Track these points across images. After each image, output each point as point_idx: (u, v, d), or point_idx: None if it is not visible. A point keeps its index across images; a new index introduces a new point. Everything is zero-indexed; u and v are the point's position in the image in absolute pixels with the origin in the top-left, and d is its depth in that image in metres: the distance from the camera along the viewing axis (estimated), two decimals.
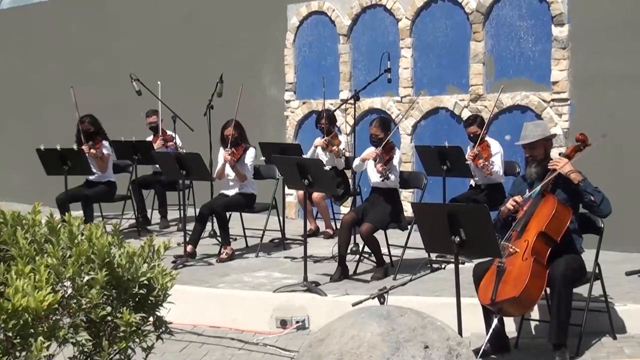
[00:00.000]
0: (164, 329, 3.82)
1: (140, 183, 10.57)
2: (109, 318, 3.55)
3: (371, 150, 7.73)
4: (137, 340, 3.63)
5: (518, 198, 5.67)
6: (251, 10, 11.74)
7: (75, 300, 3.50)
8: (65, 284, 3.53)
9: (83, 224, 3.79)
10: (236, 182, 8.76)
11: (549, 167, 5.71)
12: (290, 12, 11.39)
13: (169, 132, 10.50)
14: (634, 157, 8.22)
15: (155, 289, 3.71)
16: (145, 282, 3.67)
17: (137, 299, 3.69)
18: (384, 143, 7.59)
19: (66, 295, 3.52)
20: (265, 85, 11.75)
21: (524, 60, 9.13)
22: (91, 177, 9.85)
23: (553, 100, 8.81)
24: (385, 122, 7.92)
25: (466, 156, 8.12)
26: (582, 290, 5.79)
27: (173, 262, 8.34)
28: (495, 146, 8.20)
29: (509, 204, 5.70)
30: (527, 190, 5.79)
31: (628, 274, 4.63)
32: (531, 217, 5.55)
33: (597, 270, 5.82)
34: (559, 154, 5.94)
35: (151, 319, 3.79)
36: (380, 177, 7.50)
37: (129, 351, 3.62)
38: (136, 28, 12.86)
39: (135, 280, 3.62)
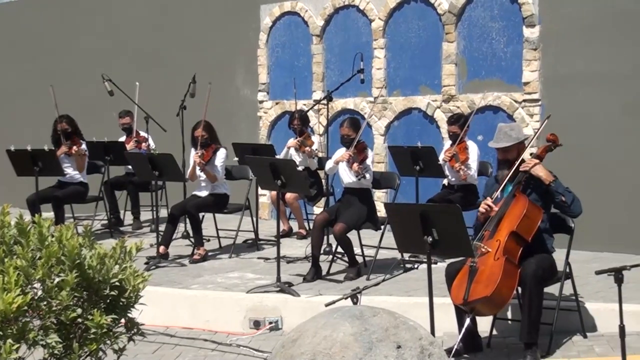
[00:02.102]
0: (135, 330, 3.80)
1: (113, 184, 10.51)
2: (80, 320, 3.53)
3: (344, 152, 7.73)
4: (108, 342, 3.61)
5: (489, 201, 5.69)
6: (224, 10, 11.71)
7: (45, 302, 3.48)
8: (35, 285, 3.51)
9: (54, 225, 3.75)
10: (208, 183, 8.73)
11: (520, 169, 5.74)
12: (263, 12, 11.38)
13: (142, 133, 10.45)
14: (604, 157, 8.30)
15: (127, 290, 3.69)
16: (117, 283, 3.65)
17: (108, 301, 3.67)
18: (355, 143, 7.60)
19: (36, 297, 3.49)
20: (238, 85, 11.73)
21: (495, 61, 9.19)
22: (63, 178, 9.76)
23: (524, 100, 8.87)
24: (356, 122, 7.92)
25: (442, 155, 8.16)
26: (553, 289, 5.83)
27: (146, 263, 8.30)
28: (473, 150, 8.21)
29: (481, 208, 5.73)
30: (500, 191, 5.82)
31: (598, 273, 4.65)
32: (503, 217, 5.58)
33: (567, 270, 5.87)
34: (530, 154, 5.98)
35: (123, 320, 3.77)
36: (357, 176, 7.50)
37: (100, 353, 3.61)
38: (109, 28, 12.77)
39: (107, 281, 3.60)
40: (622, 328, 4.55)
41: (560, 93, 8.63)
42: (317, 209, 10.08)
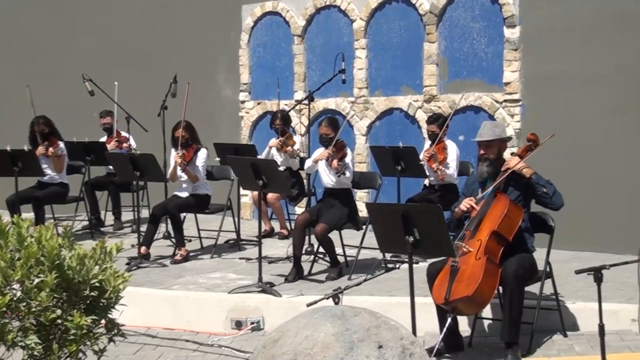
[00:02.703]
0: (116, 331, 3.79)
1: (94, 184, 10.45)
2: (59, 321, 3.51)
3: (323, 151, 7.73)
4: (88, 343, 3.59)
5: (472, 200, 5.71)
6: (206, 10, 11.68)
7: (24, 303, 3.46)
8: (14, 286, 3.48)
9: (34, 226, 3.73)
10: (189, 183, 8.70)
11: (502, 169, 5.76)
12: (245, 12, 11.37)
13: (123, 133, 10.40)
14: (584, 157, 8.34)
15: (107, 291, 3.67)
16: (97, 284, 3.63)
17: (88, 302, 3.65)
18: (334, 142, 7.60)
19: (15, 298, 3.47)
20: (219, 85, 11.71)
21: (476, 61, 9.22)
22: (43, 179, 9.70)
23: (505, 101, 8.90)
24: (334, 121, 7.92)
25: (421, 155, 8.18)
26: (533, 288, 5.86)
27: (127, 264, 8.26)
28: (452, 150, 8.23)
29: (463, 205, 5.74)
30: (480, 189, 5.84)
31: (578, 272, 4.68)
32: (484, 217, 5.60)
33: (548, 269, 5.90)
34: (511, 154, 6.00)
35: (103, 321, 3.75)
36: (337, 172, 7.50)
37: (80, 354, 3.59)
38: (89, 28, 12.70)
39: (86, 282, 3.58)
40: (601, 327, 4.57)
41: (540, 93, 8.67)
42: (299, 209, 10.08)
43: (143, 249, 8.45)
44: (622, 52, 8.13)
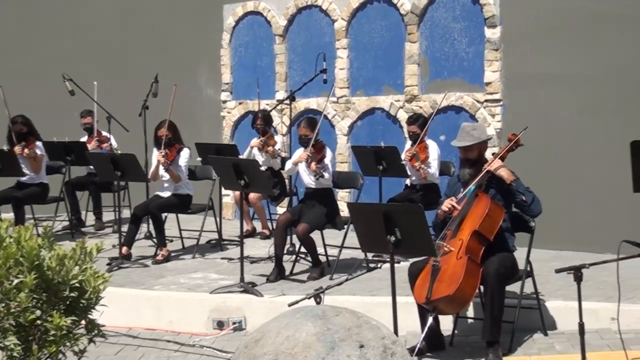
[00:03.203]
0: (96, 332, 3.76)
1: (74, 184, 10.39)
2: (39, 322, 3.49)
3: (302, 153, 7.73)
4: (68, 344, 3.57)
5: (453, 200, 5.73)
6: (187, 10, 11.65)
7: (3, 304, 3.43)
8: None
9: (13, 226, 3.71)
10: (171, 183, 8.68)
11: (483, 168, 5.78)
12: (226, 12, 11.35)
13: (104, 133, 10.35)
14: (564, 156, 8.39)
15: (87, 291, 3.65)
16: (77, 284, 3.61)
17: (68, 302, 3.63)
18: (313, 142, 7.59)
19: None
20: (201, 85, 11.68)
21: (457, 61, 9.25)
22: (23, 179, 9.63)
23: (486, 100, 8.94)
24: (313, 121, 7.90)
25: (403, 155, 8.19)
26: (514, 287, 5.88)
27: (108, 264, 8.24)
28: (433, 149, 8.25)
29: (444, 206, 5.75)
30: (461, 190, 5.86)
31: (558, 271, 4.70)
32: (465, 217, 5.61)
33: (528, 268, 5.92)
34: (492, 154, 6.03)
35: (83, 322, 3.73)
36: (315, 175, 7.51)
37: (60, 355, 3.57)
38: (70, 26, 12.64)
39: (66, 283, 3.56)
40: (581, 326, 4.60)
41: (521, 93, 8.71)
42: (281, 209, 10.07)
43: (124, 249, 8.42)
44: (601, 53, 8.18)
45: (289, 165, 7.96)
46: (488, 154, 6.28)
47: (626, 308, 5.84)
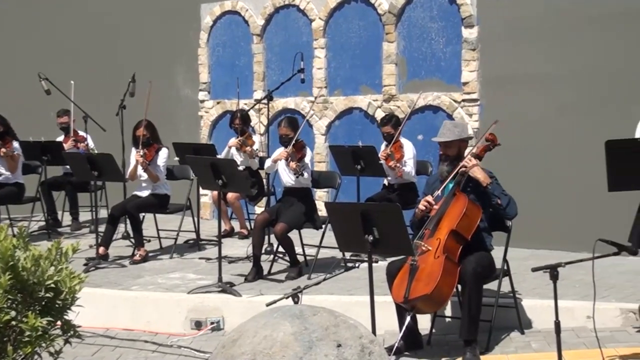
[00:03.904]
0: (72, 332, 3.74)
1: (50, 184, 10.33)
2: (14, 322, 3.46)
3: (282, 151, 7.73)
4: (43, 344, 3.55)
5: (430, 198, 5.75)
6: (164, 9, 11.61)
7: None
8: None
9: None
10: (149, 183, 8.64)
11: (460, 168, 5.80)
12: (204, 11, 11.32)
13: (80, 133, 10.29)
14: (541, 156, 8.44)
15: (63, 292, 3.63)
16: (52, 285, 3.59)
17: (43, 303, 3.60)
18: (293, 142, 7.60)
19: None
20: (178, 85, 11.65)
21: (435, 61, 9.28)
22: None
23: (464, 100, 8.98)
24: (294, 121, 7.91)
25: (379, 155, 8.20)
26: (491, 286, 5.90)
27: (85, 264, 8.18)
28: (408, 148, 8.28)
29: (421, 204, 5.77)
30: (440, 188, 5.87)
31: (534, 270, 4.74)
32: (443, 216, 5.62)
33: (505, 267, 5.95)
34: (470, 154, 6.04)
35: (59, 322, 3.70)
36: (295, 174, 7.51)
37: (36, 356, 3.54)
38: (46, 25, 12.56)
39: (42, 283, 3.54)
40: (557, 324, 4.63)
41: (498, 93, 8.75)
42: (259, 209, 10.06)
43: (101, 249, 8.38)
44: (576, 53, 8.24)
45: (268, 162, 7.96)
46: (466, 153, 6.29)
47: (601, 306, 5.90)
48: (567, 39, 8.30)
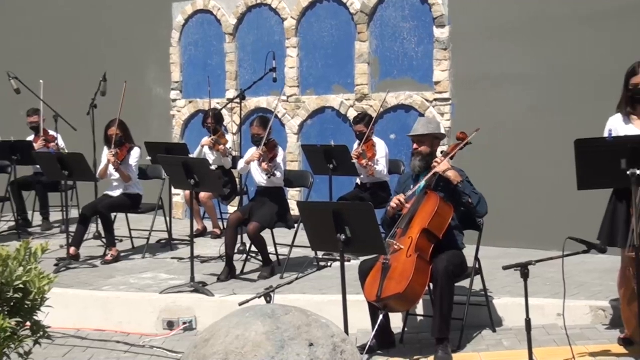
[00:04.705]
0: (42, 333, 3.71)
1: (20, 184, 10.24)
2: None
3: (254, 151, 7.72)
4: (12, 346, 3.52)
5: (401, 197, 5.77)
6: (136, 8, 11.55)
7: None
8: None
9: None
10: (121, 182, 8.59)
11: (432, 166, 5.82)
12: (176, 10, 11.28)
13: (51, 132, 10.21)
14: (512, 155, 8.50)
15: (32, 292, 3.60)
16: (21, 286, 3.56)
17: (12, 304, 3.57)
18: (265, 141, 7.58)
19: None
20: (150, 84, 11.59)
21: (407, 60, 9.31)
22: None
23: (435, 100, 9.01)
24: (266, 120, 7.89)
25: (351, 154, 8.22)
26: (463, 285, 5.93)
27: (55, 265, 8.12)
28: (381, 147, 8.30)
29: (393, 202, 5.79)
30: (412, 186, 5.89)
31: (505, 268, 4.77)
32: (415, 215, 5.64)
33: (477, 266, 5.98)
34: (441, 152, 6.08)
35: (28, 323, 3.67)
36: (267, 174, 7.50)
37: (5, 357, 3.51)
38: (15, 24, 12.44)
39: (10, 284, 3.50)
40: (528, 322, 4.67)
41: (470, 92, 8.80)
42: (232, 208, 10.04)
43: (72, 249, 8.31)
44: (547, 53, 8.30)
45: (241, 164, 7.94)
46: (438, 152, 6.31)
47: (571, 304, 5.95)
48: (538, 39, 8.36)
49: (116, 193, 8.66)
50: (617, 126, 5.41)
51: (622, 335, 5.47)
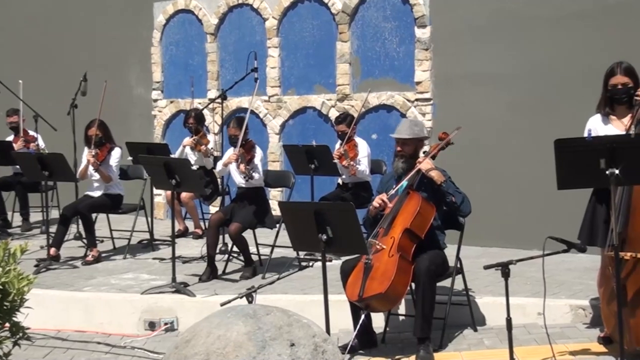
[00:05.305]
0: (21, 334, 3.68)
1: (0, 185, 10.17)
2: None
3: (231, 154, 7.70)
4: None
5: (383, 196, 5.78)
6: (117, 7, 11.50)
7: None
8: None
9: None
10: (101, 183, 8.55)
11: (415, 166, 5.83)
12: (157, 10, 11.24)
13: (30, 132, 10.14)
14: (493, 155, 8.53)
15: (11, 293, 3.57)
16: (0, 287, 3.53)
17: None
18: (242, 142, 7.56)
19: None
20: (131, 84, 11.55)
21: (389, 60, 9.32)
22: None
23: (417, 100, 9.03)
24: (242, 121, 7.86)
25: (333, 154, 8.23)
26: (445, 284, 5.95)
27: (35, 265, 8.07)
28: (363, 147, 8.30)
29: (375, 202, 5.80)
30: (394, 186, 5.91)
31: (486, 267, 4.80)
32: (397, 215, 5.66)
33: (458, 265, 6.00)
34: (423, 152, 6.09)
35: (7, 324, 3.65)
36: (244, 177, 7.49)
37: None
38: None
39: None
40: (509, 321, 4.70)
41: (451, 92, 8.82)
42: (213, 209, 10.01)
43: (53, 250, 8.27)
44: (527, 52, 8.34)
45: (219, 166, 7.93)
46: (420, 152, 6.33)
47: (552, 303, 5.99)
48: (519, 39, 8.40)
49: (97, 193, 8.62)
50: (597, 126, 5.46)
51: (601, 333, 5.51)
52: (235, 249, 7.84)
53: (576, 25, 8.04)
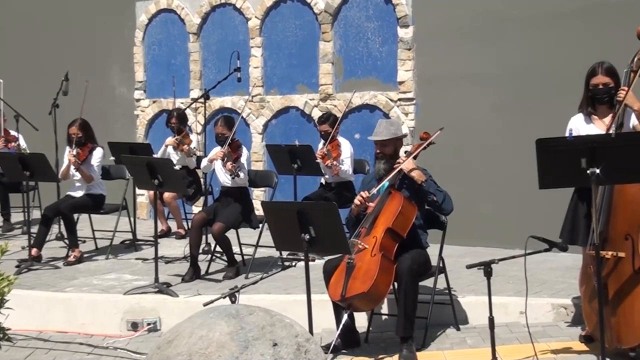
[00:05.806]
0: (2, 335, 3.67)
1: None
2: None
3: (218, 150, 7.70)
4: None
5: (364, 194, 5.78)
6: (99, 6, 11.45)
7: None
8: None
9: None
10: (83, 183, 8.51)
11: (395, 166, 5.85)
12: (139, 9, 11.20)
13: (12, 132, 10.08)
14: (475, 154, 8.56)
15: None
16: None
17: None
18: (229, 141, 7.56)
19: None
20: (113, 83, 11.50)
21: (371, 60, 9.34)
22: None
23: (400, 99, 9.05)
24: (230, 120, 7.87)
25: (316, 154, 8.23)
26: (428, 283, 5.97)
27: (17, 266, 8.03)
28: (346, 147, 8.31)
29: (356, 200, 5.81)
30: (375, 186, 5.92)
31: (469, 267, 4.82)
32: (379, 214, 5.67)
33: (441, 264, 6.01)
34: (404, 152, 6.11)
35: None
36: (230, 175, 7.49)
37: None
38: None
39: None
40: (491, 320, 4.72)
41: (433, 92, 8.85)
42: (196, 209, 10.00)
43: (34, 250, 8.22)
44: (511, 53, 8.37)
45: (204, 162, 7.91)
46: (401, 152, 6.35)
47: (534, 302, 6.00)
48: (502, 39, 8.43)
49: (79, 193, 8.58)
50: (579, 126, 5.50)
51: (583, 332, 5.55)
52: (218, 249, 7.83)
53: (558, 26, 8.08)
